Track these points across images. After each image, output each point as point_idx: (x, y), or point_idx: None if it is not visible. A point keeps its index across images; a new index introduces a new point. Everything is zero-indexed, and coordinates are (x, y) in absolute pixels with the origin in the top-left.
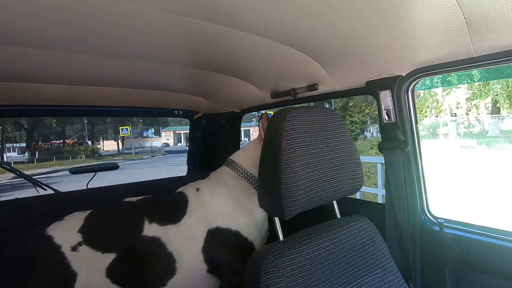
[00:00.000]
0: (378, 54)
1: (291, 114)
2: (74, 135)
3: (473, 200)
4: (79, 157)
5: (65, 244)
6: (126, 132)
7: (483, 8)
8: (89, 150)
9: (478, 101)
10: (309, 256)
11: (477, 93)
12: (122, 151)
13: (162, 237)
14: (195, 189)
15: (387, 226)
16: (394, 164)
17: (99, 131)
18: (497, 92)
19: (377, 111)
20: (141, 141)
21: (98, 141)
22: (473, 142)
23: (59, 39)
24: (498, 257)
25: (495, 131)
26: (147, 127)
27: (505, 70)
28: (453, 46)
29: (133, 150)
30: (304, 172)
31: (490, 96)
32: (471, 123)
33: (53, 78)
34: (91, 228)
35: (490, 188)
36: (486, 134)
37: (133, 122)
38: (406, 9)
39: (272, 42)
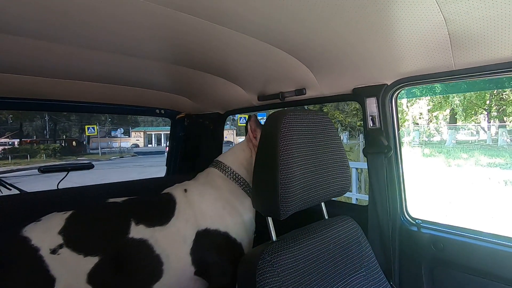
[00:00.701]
0: (366, 62)
1: (288, 116)
2: (33, 132)
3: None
4: (38, 156)
5: (43, 246)
6: (93, 131)
7: (466, 25)
8: (50, 149)
9: (438, 112)
10: (302, 256)
11: (437, 105)
12: (87, 151)
13: (150, 239)
14: (183, 190)
15: (370, 226)
16: (378, 168)
17: (62, 129)
18: (456, 105)
19: (349, 118)
20: (109, 141)
21: (60, 140)
22: (433, 150)
23: (32, 25)
24: (470, 255)
25: (452, 141)
26: (115, 127)
27: (480, 84)
28: (435, 59)
29: (99, 150)
30: (299, 173)
31: (448, 108)
32: (431, 133)
33: (24, 68)
34: (73, 230)
35: (445, 190)
36: (445, 143)
37: (100, 120)
38: (396, 23)
39: (263, 44)
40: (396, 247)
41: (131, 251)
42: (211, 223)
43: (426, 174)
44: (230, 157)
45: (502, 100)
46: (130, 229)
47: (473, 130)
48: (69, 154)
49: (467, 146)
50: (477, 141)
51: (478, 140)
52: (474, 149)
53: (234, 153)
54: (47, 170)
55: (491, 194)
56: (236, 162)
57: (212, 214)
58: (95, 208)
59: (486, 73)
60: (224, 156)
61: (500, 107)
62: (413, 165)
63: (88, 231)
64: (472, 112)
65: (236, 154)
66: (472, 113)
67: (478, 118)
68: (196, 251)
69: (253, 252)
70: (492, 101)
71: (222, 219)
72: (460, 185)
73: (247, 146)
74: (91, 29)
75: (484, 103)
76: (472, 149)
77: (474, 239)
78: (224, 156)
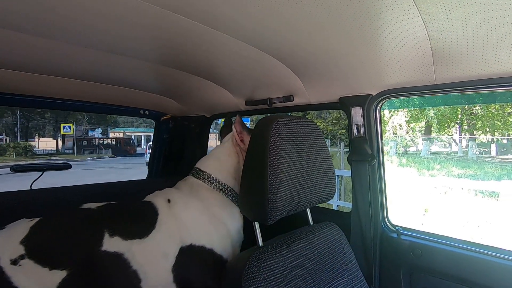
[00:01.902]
0: (353, 73)
1: (277, 122)
2: (3, 129)
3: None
4: (7, 154)
5: (4, 256)
6: (69, 130)
7: (449, 42)
8: (21, 148)
9: (414, 124)
10: (288, 261)
11: (414, 117)
12: (62, 151)
13: (126, 253)
14: (165, 200)
15: (352, 233)
16: (362, 175)
17: (34, 126)
18: (431, 117)
19: (330, 126)
20: (85, 141)
21: (32, 138)
22: (408, 161)
23: (12, 17)
24: (447, 262)
25: (426, 152)
26: (93, 126)
27: (454, 98)
28: (418, 73)
29: (75, 150)
30: (287, 179)
31: (424, 120)
32: (407, 143)
33: (5, 62)
34: (37, 239)
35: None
36: (419, 154)
37: (77, 119)
38: (383, 37)
39: (254, 50)
40: (377, 253)
41: (104, 266)
42: (197, 238)
43: (402, 182)
44: (214, 165)
45: (472, 115)
46: (103, 241)
47: (446, 142)
48: (41, 153)
49: (440, 157)
50: (449, 153)
51: (450, 152)
52: (447, 160)
53: (218, 160)
54: (20, 169)
55: (463, 203)
56: (223, 171)
57: (197, 229)
58: (65, 215)
59: (465, 88)
60: (207, 163)
61: (471, 121)
62: (391, 174)
63: (54, 242)
64: (445, 125)
65: (221, 161)
66: (445, 125)
67: (451, 131)
68: (179, 268)
69: (239, 257)
70: (464, 116)
71: (208, 235)
72: (434, 193)
73: (233, 151)
74: (77, 25)
75: (456, 117)
76: (444, 160)
77: (451, 246)
78: (206, 164)
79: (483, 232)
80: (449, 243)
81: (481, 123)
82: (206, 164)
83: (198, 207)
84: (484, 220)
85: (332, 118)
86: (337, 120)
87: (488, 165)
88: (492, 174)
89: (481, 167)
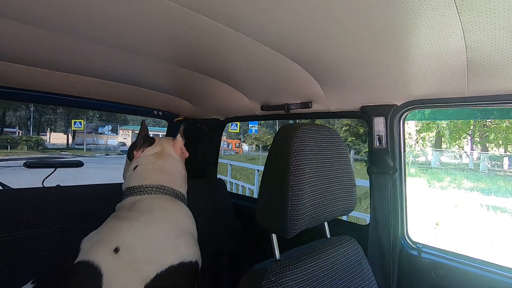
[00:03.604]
0: (377, 81)
1: (300, 131)
2: (16, 122)
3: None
4: (19, 147)
5: None
6: (79, 126)
7: (486, 53)
8: (33, 141)
9: (425, 134)
10: (307, 278)
11: (425, 127)
12: (71, 146)
13: None
14: (110, 251)
15: (370, 247)
16: (382, 188)
17: (46, 121)
18: (442, 128)
19: (340, 133)
20: (95, 137)
21: (44, 133)
22: (418, 171)
23: (35, 12)
24: (470, 284)
25: (436, 163)
26: (103, 123)
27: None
28: (449, 84)
29: (84, 146)
30: (309, 190)
31: (435, 130)
32: (417, 154)
33: (21, 58)
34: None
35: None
36: (429, 164)
37: (88, 115)
38: (415, 45)
39: (275, 53)
40: (396, 270)
41: None
42: (162, 264)
43: (412, 193)
44: (172, 180)
45: (485, 127)
46: None
47: (456, 153)
48: (52, 147)
49: (451, 169)
50: (460, 165)
51: (461, 164)
52: (457, 172)
53: (175, 176)
54: (34, 165)
55: (475, 217)
56: (183, 184)
57: (162, 254)
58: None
59: (497, 102)
60: (164, 179)
61: (483, 133)
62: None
63: None
64: (456, 136)
65: (180, 177)
66: (456, 137)
67: (462, 142)
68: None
69: (255, 270)
70: (476, 127)
71: (176, 251)
72: (445, 206)
73: (182, 163)
74: (95, 23)
75: (468, 128)
76: (455, 172)
77: (475, 268)
78: (165, 179)
79: (497, 249)
80: (474, 264)
81: (494, 135)
82: (164, 179)
83: (163, 228)
84: (497, 237)
85: (342, 124)
86: (348, 127)
87: (501, 179)
88: (505, 189)
89: (493, 181)
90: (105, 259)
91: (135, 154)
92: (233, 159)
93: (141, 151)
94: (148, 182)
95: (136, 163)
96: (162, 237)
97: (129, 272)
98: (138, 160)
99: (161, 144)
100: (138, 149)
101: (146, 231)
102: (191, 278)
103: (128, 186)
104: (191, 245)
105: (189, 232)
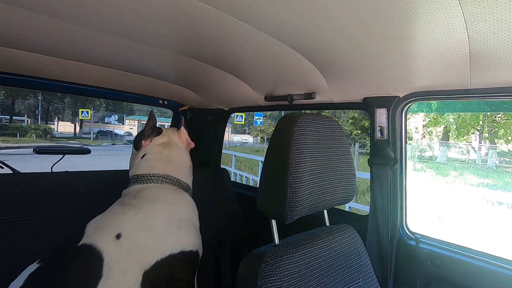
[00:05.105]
0: (380, 73)
1: (301, 120)
2: (25, 111)
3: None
4: (28, 135)
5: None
6: (87, 115)
7: (489, 45)
8: (41, 130)
9: (432, 128)
10: (304, 262)
11: (433, 121)
12: (79, 135)
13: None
14: (113, 237)
15: (369, 237)
16: (382, 179)
17: (54, 110)
18: (450, 122)
19: (345, 126)
20: (102, 126)
21: (52, 121)
22: (424, 166)
23: (47, 3)
24: (468, 274)
25: (443, 158)
26: (110, 113)
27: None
28: (452, 76)
29: (91, 135)
30: (308, 178)
31: (443, 125)
32: (423, 148)
33: (30, 45)
34: None
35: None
36: (435, 159)
37: (95, 105)
38: (417, 37)
39: (279, 44)
40: (393, 259)
41: None
42: (163, 252)
43: (416, 187)
44: (179, 170)
45: (494, 122)
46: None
47: (463, 148)
48: (59, 136)
49: (457, 164)
50: (467, 160)
51: (468, 159)
52: (464, 167)
53: (181, 167)
54: (43, 151)
55: (483, 214)
56: (188, 175)
57: (164, 243)
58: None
59: (501, 95)
60: (171, 169)
61: (492, 128)
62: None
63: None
64: (464, 131)
65: (186, 168)
66: (464, 132)
67: (470, 138)
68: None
69: (255, 254)
70: (485, 122)
71: (177, 241)
72: (449, 200)
73: (188, 154)
74: (107, 13)
75: (477, 123)
76: (461, 167)
77: (473, 258)
78: (171, 170)
79: (501, 245)
80: (471, 255)
81: (503, 131)
82: (170, 169)
83: (165, 218)
84: (502, 233)
85: (348, 118)
86: (354, 120)
87: (509, 175)
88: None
89: (500, 177)
90: (107, 244)
91: (143, 143)
92: (238, 151)
93: (149, 141)
94: (155, 171)
95: (144, 151)
96: (165, 227)
97: (129, 258)
98: (146, 149)
99: (168, 135)
100: (147, 138)
101: (149, 220)
102: (191, 266)
103: (135, 173)
104: (192, 235)
105: (191, 223)
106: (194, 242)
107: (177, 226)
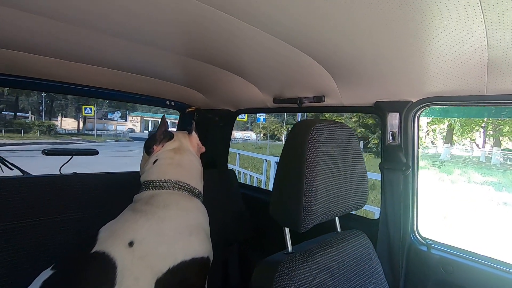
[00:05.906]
0: (393, 77)
1: (316, 127)
2: (29, 107)
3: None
4: (32, 132)
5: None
6: (90, 112)
7: (509, 52)
8: (45, 126)
9: (436, 125)
10: (318, 270)
11: (436, 119)
12: (82, 131)
13: None
14: (125, 244)
15: (379, 242)
16: (393, 184)
17: (58, 107)
18: (454, 120)
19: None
20: (105, 123)
21: (55, 118)
22: (427, 163)
23: (51, 4)
24: (480, 282)
25: (446, 155)
26: (113, 110)
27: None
28: (468, 82)
29: (95, 132)
30: (323, 186)
31: (447, 122)
32: (426, 146)
33: (38, 48)
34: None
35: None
36: (439, 157)
37: (98, 102)
38: (435, 43)
39: (288, 46)
40: (404, 264)
41: None
42: (174, 259)
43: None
44: (190, 176)
45: (499, 120)
46: None
47: (467, 146)
48: (63, 132)
49: (461, 162)
50: (470, 158)
51: (472, 157)
52: (468, 165)
53: (192, 173)
54: (51, 153)
55: (487, 214)
56: (192, 178)
57: (175, 250)
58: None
59: None
60: (182, 175)
61: (497, 126)
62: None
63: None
64: (468, 129)
65: (197, 173)
66: (468, 129)
67: (474, 135)
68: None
69: (268, 262)
70: (490, 120)
71: (189, 248)
72: (453, 199)
73: (194, 156)
74: (114, 16)
75: (482, 121)
76: (465, 165)
77: (485, 265)
78: (183, 176)
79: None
80: (483, 261)
81: (508, 128)
82: (182, 175)
83: (178, 224)
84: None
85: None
86: (358, 118)
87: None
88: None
89: (505, 175)
90: (120, 252)
91: (154, 148)
92: (240, 148)
93: (161, 146)
94: (167, 177)
95: (156, 157)
96: (176, 234)
97: (142, 266)
98: (157, 154)
99: (179, 140)
100: (158, 143)
101: (161, 227)
102: (203, 273)
103: (147, 179)
104: (203, 241)
105: (202, 229)
106: (205, 248)
107: (189, 232)
